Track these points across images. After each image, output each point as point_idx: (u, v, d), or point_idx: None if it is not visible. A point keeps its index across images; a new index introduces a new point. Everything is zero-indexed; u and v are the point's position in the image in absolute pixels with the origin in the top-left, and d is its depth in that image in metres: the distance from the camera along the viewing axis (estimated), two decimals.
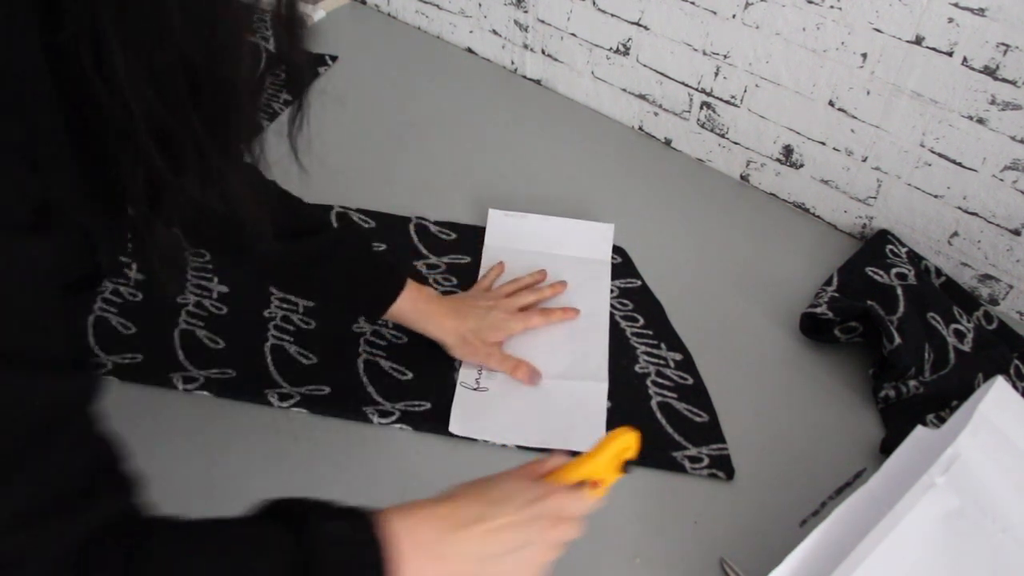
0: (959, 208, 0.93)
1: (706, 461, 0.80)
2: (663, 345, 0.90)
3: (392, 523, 0.48)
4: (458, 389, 0.84)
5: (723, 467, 0.79)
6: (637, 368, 0.87)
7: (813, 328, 0.91)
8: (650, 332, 0.91)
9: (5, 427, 0.39)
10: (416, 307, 0.83)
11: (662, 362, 0.88)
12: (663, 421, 0.83)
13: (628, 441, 0.62)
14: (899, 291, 0.91)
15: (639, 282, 0.96)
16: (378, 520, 0.48)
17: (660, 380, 0.86)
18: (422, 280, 0.93)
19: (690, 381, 0.87)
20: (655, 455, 0.80)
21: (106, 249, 0.45)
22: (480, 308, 0.87)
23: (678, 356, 0.89)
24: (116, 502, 0.44)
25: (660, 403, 0.84)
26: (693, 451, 0.80)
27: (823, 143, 1.00)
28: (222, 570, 0.45)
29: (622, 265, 0.98)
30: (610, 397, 0.84)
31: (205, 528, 0.47)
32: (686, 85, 1.08)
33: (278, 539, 0.46)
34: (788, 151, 1.04)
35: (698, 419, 0.83)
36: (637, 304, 0.94)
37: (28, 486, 0.40)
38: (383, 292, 0.82)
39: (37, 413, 0.41)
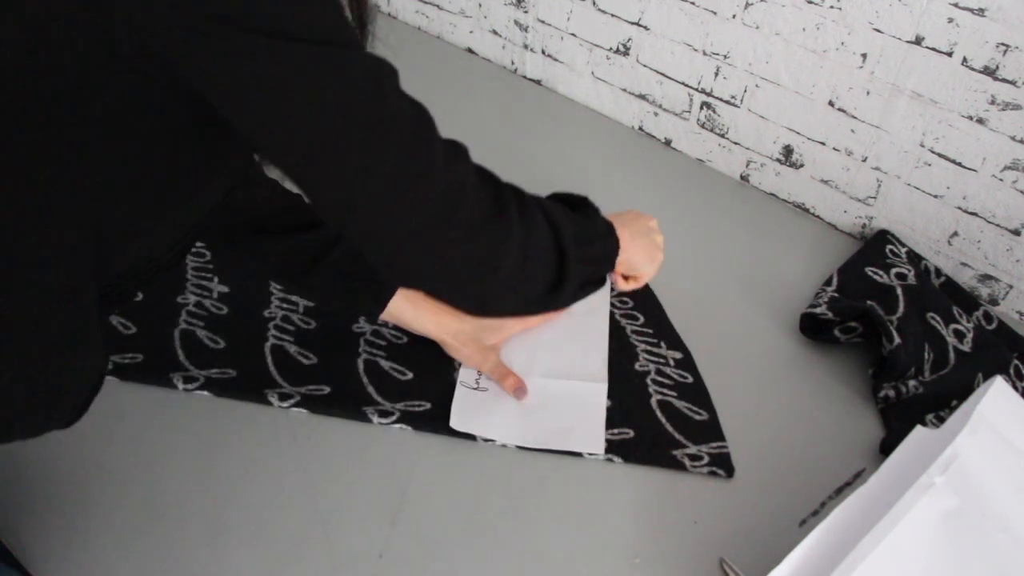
0: (959, 208, 0.93)
1: (706, 459, 0.80)
2: (663, 343, 0.90)
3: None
4: (458, 388, 0.84)
5: (723, 465, 0.79)
6: (637, 366, 0.87)
7: (813, 328, 0.91)
8: (650, 331, 0.91)
9: (393, 95, 0.51)
10: (415, 305, 0.83)
11: (662, 360, 0.88)
12: (663, 419, 0.83)
13: None
14: (899, 291, 0.91)
15: None
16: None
17: (660, 379, 0.86)
18: None
19: (690, 379, 0.87)
20: (655, 453, 0.80)
21: None
22: None
23: (678, 355, 0.89)
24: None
25: (660, 401, 0.84)
26: (693, 449, 0.81)
27: (823, 143, 1.00)
28: (564, 211, 0.67)
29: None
30: (610, 395, 0.84)
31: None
32: (686, 85, 1.08)
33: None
34: (788, 151, 1.04)
35: (698, 417, 0.83)
36: (637, 302, 0.94)
37: (435, 132, 0.54)
38: (381, 288, 0.82)
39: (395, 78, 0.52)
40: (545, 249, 0.62)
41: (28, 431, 0.60)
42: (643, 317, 0.92)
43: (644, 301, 0.94)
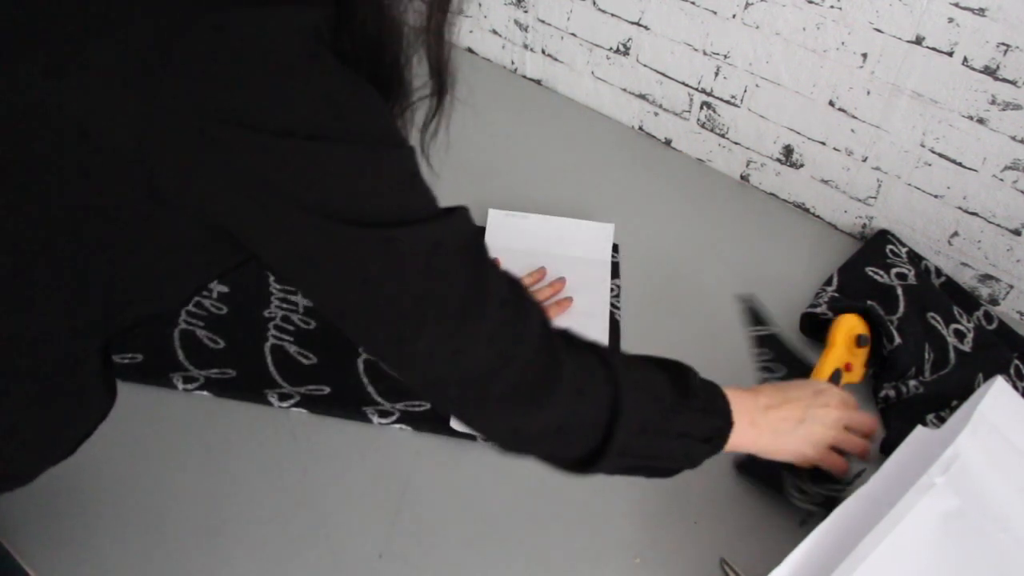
0: (959, 208, 0.93)
1: None
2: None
3: (731, 397, 0.66)
4: None
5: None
6: None
7: (813, 328, 0.91)
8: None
9: (451, 267, 0.51)
10: None
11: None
12: None
13: (851, 322, 0.84)
14: (899, 291, 0.91)
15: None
16: (724, 392, 0.66)
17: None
18: None
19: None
20: None
21: None
22: None
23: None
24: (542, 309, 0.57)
25: None
26: None
27: (823, 143, 1.00)
28: (648, 376, 0.61)
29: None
30: None
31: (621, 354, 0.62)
32: (686, 85, 1.08)
33: (666, 369, 0.64)
34: (788, 151, 1.04)
35: None
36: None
37: (491, 302, 0.52)
38: None
39: (478, 241, 0.53)
40: (586, 429, 0.57)
41: (25, 478, 0.62)
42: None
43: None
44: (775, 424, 0.68)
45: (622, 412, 0.57)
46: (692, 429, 0.62)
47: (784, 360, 0.88)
